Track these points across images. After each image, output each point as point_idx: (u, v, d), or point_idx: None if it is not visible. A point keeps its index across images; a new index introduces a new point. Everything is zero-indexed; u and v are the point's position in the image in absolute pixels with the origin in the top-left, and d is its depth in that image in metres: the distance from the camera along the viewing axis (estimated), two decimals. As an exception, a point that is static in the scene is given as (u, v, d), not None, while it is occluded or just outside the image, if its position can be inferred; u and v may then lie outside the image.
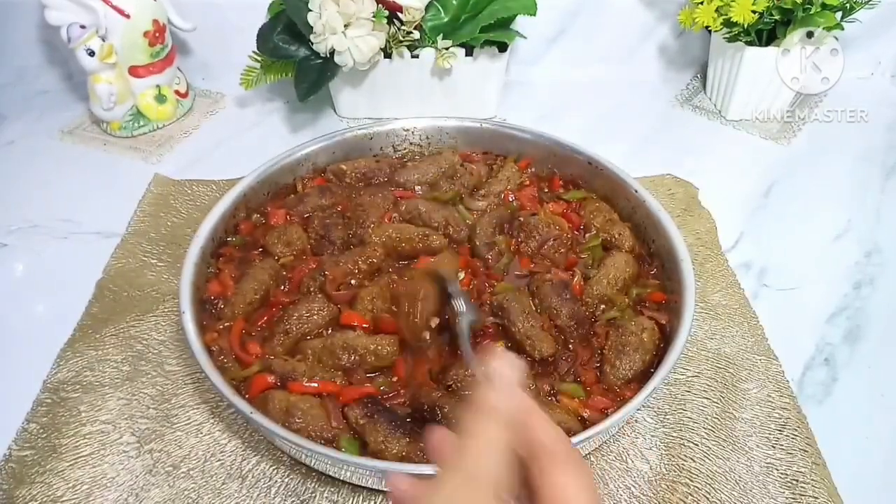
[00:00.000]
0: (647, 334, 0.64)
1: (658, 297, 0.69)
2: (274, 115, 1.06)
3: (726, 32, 0.97)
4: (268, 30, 0.95)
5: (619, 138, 1.00)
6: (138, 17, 0.94)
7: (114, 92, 0.96)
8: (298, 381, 0.61)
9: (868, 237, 0.86)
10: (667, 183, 0.91)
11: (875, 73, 1.14)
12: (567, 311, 0.66)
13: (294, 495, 0.59)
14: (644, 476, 0.60)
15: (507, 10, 0.93)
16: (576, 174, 0.81)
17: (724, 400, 0.66)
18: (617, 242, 0.73)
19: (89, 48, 0.93)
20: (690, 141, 1.02)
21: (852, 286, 0.80)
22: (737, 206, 0.90)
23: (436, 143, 0.86)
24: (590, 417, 0.58)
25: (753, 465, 0.61)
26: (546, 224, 0.75)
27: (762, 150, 1.00)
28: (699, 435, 0.63)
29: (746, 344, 0.71)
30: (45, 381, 0.67)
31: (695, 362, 0.69)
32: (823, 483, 0.60)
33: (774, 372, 0.68)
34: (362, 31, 0.89)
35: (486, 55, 0.97)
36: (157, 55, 0.99)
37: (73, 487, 0.59)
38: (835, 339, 0.74)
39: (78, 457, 0.61)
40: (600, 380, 0.62)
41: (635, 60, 1.14)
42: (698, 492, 0.59)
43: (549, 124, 0.86)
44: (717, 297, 0.76)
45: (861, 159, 0.98)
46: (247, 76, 0.99)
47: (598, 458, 0.62)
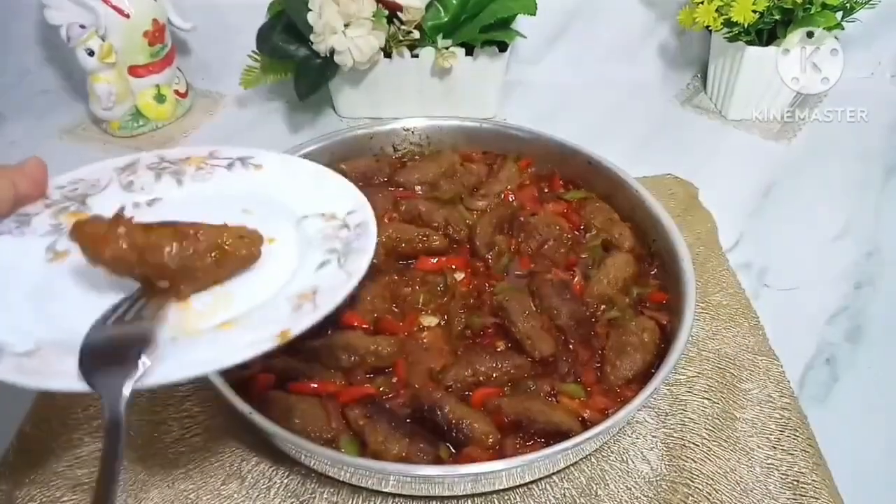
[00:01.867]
0: (647, 334, 0.63)
1: (658, 297, 0.69)
2: (274, 114, 1.06)
3: (727, 32, 0.97)
4: (268, 29, 0.95)
5: (619, 138, 1.00)
6: (138, 16, 0.94)
7: (113, 92, 0.96)
8: (298, 381, 0.60)
9: (868, 237, 0.86)
10: (667, 183, 0.91)
11: (875, 73, 1.14)
12: (567, 311, 0.66)
13: (293, 496, 0.59)
14: (645, 477, 0.60)
15: (507, 9, 0.93)
16: (576, 174, 0.81)
17: (724, 400, 0.66)
18: (617, 242, 0.73)
19: (89, 48, 0.93)
20: (691, 141, 1.02)
21: (853, 286, 0.80)
22: (737, 205, 0.90)
23: (436, 142, 0.86)
24: (590, 418, 0.58)
25: (754, 466, 0.61)
26: (546, 224, 0.74)
27: (762, 149, 1.00)
28: (700, 435, 0.63)
29: (747, 344, 0.71)
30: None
31: (695, 362, 0.69)
32: (825, 483, 0.60)
33: (775, 372, 0.68)
34: (362, 31, 0.89)
35: (487, 55, 0.97)
36: (157, 55, 0.99)
37: (72, 488, 0.59)
38: (836, 339, 0.74)
39: (76, 457, 0.61)
40: (601, 380, 0.62)
41: (636, 60, 1.14)
42: (699, 492, 0.59)
43: (549, 124, 0.85)
44: (718, 297, 0.76)
45: (861, 159, 0.98)
46: (246, 76, 0.99)
47: (598, 458, 0.61)
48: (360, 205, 0.58)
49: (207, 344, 0.47)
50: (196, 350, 0.46)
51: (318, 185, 0.61)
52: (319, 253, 0.54)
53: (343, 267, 0.52)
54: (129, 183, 0.59)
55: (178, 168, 0.60)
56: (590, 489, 0.59)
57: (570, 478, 0.60)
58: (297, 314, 0.48)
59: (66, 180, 0.57)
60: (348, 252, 0.54)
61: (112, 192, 0.58)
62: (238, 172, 0.61)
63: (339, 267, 0.53)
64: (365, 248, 0.54)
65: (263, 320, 0.48)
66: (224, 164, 0.61)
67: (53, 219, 0.54)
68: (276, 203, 0.59)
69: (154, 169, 0.60)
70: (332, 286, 0.50)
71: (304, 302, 0.49)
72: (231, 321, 0.49)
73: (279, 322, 0.47)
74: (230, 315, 0.49)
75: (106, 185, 0.58)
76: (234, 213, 0.56)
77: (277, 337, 0.45)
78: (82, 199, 0.56)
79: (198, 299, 0.51)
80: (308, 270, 0.53)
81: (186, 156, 0.61)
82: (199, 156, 0.62)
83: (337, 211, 0.58)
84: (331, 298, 0.49)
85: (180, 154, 0.62)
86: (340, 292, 0.50)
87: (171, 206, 0.57)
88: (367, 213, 0.57)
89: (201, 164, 0.61)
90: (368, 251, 0.53)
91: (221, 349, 0.46)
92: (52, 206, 0.55)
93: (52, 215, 0.54)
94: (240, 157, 0.62)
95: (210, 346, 0.46)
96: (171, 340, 0.46)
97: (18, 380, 0.42)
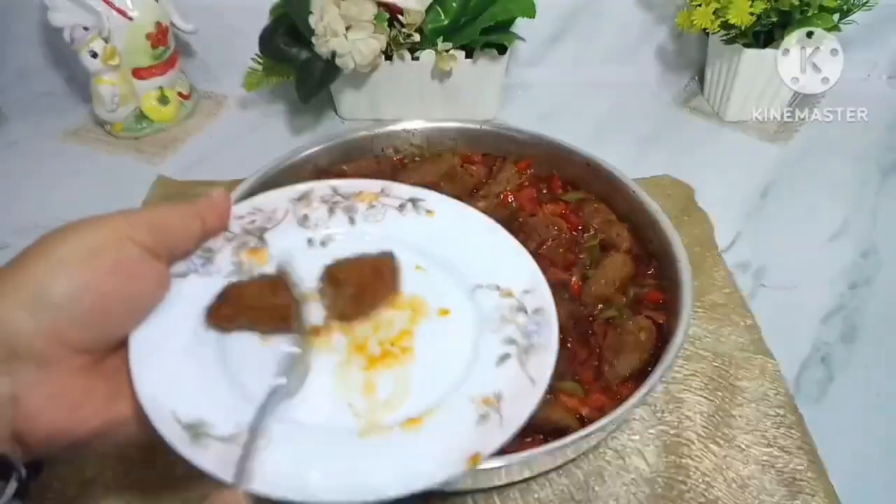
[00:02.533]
0: (644, 333, 0.64)
1: (656, 297, 0.69)
2: (276, 116, 1.07)
3: (724, 34, 0.98)
4: (270, 32, 0.95)
5: (617, 140, 1.01)
6: (141, 19, 0.95)
7: (117, 93, 0.97)
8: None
9: (865, 237, 0.86)
10: (664, 184, 0.92)
11: (871, 74, 1.15)
12: (565, 310, 0.66)
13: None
14: (641, 473, 0.61)
15: (507, 12, 0.93)
16: (575, 175, 0.82)
17: (720, 398, 0.67)
18: (615, 243, 0.74)
19: (92, 50, 0.93)
20: (688, 142, 1.03)
21: (849, 286, 0.80)
22: (734, 206, 0.90)
23: (436, 144, 0.87)
24: (588, 415, 0.59)
25: (750, 463, 0.62)
26: (545, 225, 0.75)
27: (759, 151, 1.01)
28: (696, 433, 0.64)
29: (743, 343, 0.72)
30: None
31: (692, 361, 0.70)
32: (820, 481, 0.60)
33: (771, 371, 0.69)
34: (363, 34, 0.90)
35: (486, 57, 0.98)
36: (160, 57, 0.99)
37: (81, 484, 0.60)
38: (831, 339, 0.74)
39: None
40: (598, 378, 0.63)
41: (633, 62, 1.14)
42: (695, 489, 0.60)
43: (548, 126, 0.86)
44: (714, 297, 0.76)
45: (858, 160, 0.99)
46: (249, 78, 1.00)
47: (595, 456, 0.62)
48: (537, 282, 0.53)
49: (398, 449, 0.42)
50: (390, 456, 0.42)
51: (493, 248, 0.56)
52: (496, 341, 0.50)
53: (525, 368, 0.47)
54: (303, 217, 0.57)
55: (351, 204, 0.58)
56: (587, 485, 0.60)
57: (568, 474, 0.61)
58: (483, 428, 0.43)
59: (245, 210, 0.55)
60: (529, 348, 0.49)
61: (288, 225, 0.56)
62: (410, 217, 0.58)
63: (520, 367, 0.47)
64: (548, 346, 0.49)
65: (449, 425, 0.44)
66: (396, 205, 0.59)
67: (234, 256, 0.51)
68: (449, 264, 0.55)
69: (327, 202, 0.58)
70: (517, 394, 0.45)
71: (489, 410, 0.45)
72: (418, 418, 0.44)
73: (463, 433, 0.43)
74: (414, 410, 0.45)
75: (282, 217, 0.56)
76: (406, 270, 0.53)
77: (469, 461, 0.41)
78: (260, 234, 0.54)
79: (382, 380, 0.47)
80: (488, 363, 0.48)
81: (359, 190, 0.59)
82: (371, 191, 0.59)
83: (513, 287, 0.53)
84: (517, 413, 0.44)
85: (353, 187, 0.59)
86: (527, 406, 0.44)
87: (346, 249, 0.54)
88: (547, 297, 0.52)
89: (373, 202, 0.58)
90: (553, 349, 0.48)
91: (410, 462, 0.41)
92: (233, 241, 0.52)
93: (234, 252, 0.51)
94: (411, 199, 0.59)
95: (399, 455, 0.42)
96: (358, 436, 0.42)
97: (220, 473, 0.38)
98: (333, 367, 0.47)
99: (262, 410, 0.42)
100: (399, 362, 0.48)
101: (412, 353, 0.49)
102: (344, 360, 0.48)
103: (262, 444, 0.40)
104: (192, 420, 0.40)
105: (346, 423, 0.44)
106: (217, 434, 0.40)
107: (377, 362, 0.48)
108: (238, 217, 0.53)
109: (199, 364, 0.44)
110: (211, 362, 0.45)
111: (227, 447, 0.40)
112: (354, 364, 0.48)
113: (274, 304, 0.47)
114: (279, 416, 0.42)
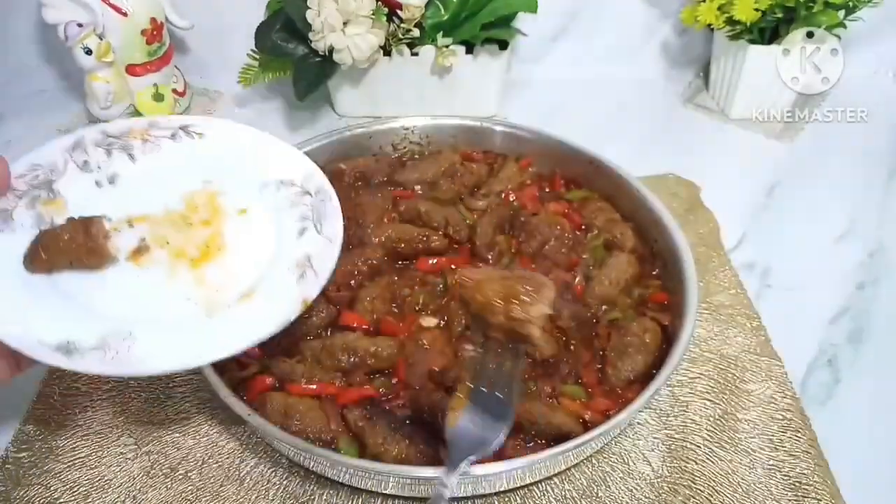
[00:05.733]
0: (649, 335, 0.63)
1: (660, 298, 0.68)
2: (272, 113, 1.05)
3: (729, 30, 0.97)
4: (266, 27, 0.94)
5: (620, 137, 0.99)
6: (136, 15, 0.94)
7: (111, 90, 0.96)
8: (297, 382, 0.60)
9: (871, 237, 0.85)
10: (669, 182, 0.91)
11: (878, 71, 1.13)
12: (568, 312, 0.65)
13: (292, 497, 0.59)
14: (646, 478, 0.60)
15: (508, 6, 0.92)
16: (577, 174, 0.81)
17: (726, 401, 0.65)
18: (619, 243, 0.73)
19: (87, 46, 0.92)
20: (693, 140, 1.01)
21: (855, 287, 0.79)
22: (740, 205, 0.89)
23: (436, 142, 0.86)
24: (591, 419, 0.57)
25: (756, 467, 0.61)
26: (547, 224, 0.74)
27: (765, 149, 1.00)
28: (701, 437, 0.63)
29: (749, 345, 0.71)
30: (42, 381, 0.67)
31: (697, 363, 0.69)
32: (826, 485, 0.59)
33: (777, 373, 0.68)
34: (361, 29, 0.89)
35: (487, 53, 0.96)
36: (155, 53, 0.98)
37: (71, 489, 0.59)
38: (838, 340, 0.73)
39: (75, 458, 0.61)
40: (602, 381, 0.62)
41: (637, 59, 1.13)
42: (701, 494, 0.59)
43: (550, 123, 0.85)
44: (720, 298, 0.75)
45: (865, 158, 0.97)
46: (245, 74, 0.99)
47: (599, 460, 0.61)
48: (312, 169, 0.63)
49: (244, 315, 0.53)
50: (238, 323, 0.52)
51: (264, 152, 0.64)
52: (292, 220, 0.60)
53: (322, 233, 0.58)
54: (84, 163, 0.61)
55: (125, 143, 0.63)
56: (591, 491, 0.59)
57: (570, 479, 0.60)
58: (304, 282, 0.54)
59: (24, 168, 0.59)
60: (320, 218, 0.59)
61: (72, 173, 0.61)
62: (185, 142, 0.64)
63: (318, 233, 0.58)
64: (335, 213, 0.59)
65: (277, 290, 0.54)
66: (168, 135, 0.64)
67: (31, 209, 0.57)
68: (232, 172, 0.63)
69: (102, 146, 0.63)
70: (321, 253, 0.57)
71: (304, 269, 0.56)
72: (248, 292, 0.54)
73: (291, 290, 0.54)
74: (244, 287, 0.55)
75: (64, 167, 0.61)
76: (196, 185, 0.61)
77: (301, 304, 0.53)
78: (49, 186, 0.59)
79: (210, 273, 0.56)
80: (290, 238, 0.59)
81: (128, 129, 0.64)
82: (139, 128, 0.64)
83: (294, 178, 0.62)
84: (325, 264, 0.56)
85: (121, 127, 0.64)
86: (330, 258, 0.56)
87: (133, 183, 0.61)
88: (322, 178, 0.62)
89: (146, 137, 0.64)
90: (338, 215, 0.59)
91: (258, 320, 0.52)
92: (24, 197, 0.57)
93: (28, 206, 0.57)
94: (181, 126, 0.65)
95: (248, 318, 0.52)
96: (206, 316, 0.53)
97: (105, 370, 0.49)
98: (164, 273, 0.56)
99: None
100: (218, 256, 0.58)
101: (226, 247, 0.58)
102: (169, 265, 0.57)
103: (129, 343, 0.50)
104: (59, 341, 0.49)
105: (191, 311, 0.54)
106: (86, 346, 0.49)
107: (199, 262, 0.57)
108: (20, 176, 0.58)
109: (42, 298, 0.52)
110: (50, 294, 0.52)
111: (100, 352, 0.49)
112: (180, 267, 0.57)
113: (87, 244, 0.54)
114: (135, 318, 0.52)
